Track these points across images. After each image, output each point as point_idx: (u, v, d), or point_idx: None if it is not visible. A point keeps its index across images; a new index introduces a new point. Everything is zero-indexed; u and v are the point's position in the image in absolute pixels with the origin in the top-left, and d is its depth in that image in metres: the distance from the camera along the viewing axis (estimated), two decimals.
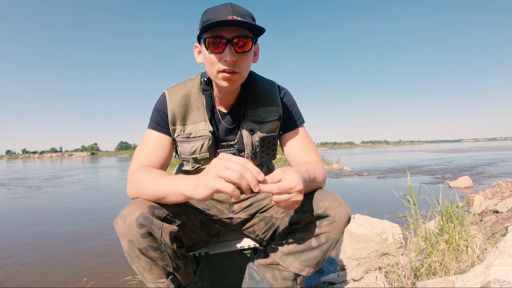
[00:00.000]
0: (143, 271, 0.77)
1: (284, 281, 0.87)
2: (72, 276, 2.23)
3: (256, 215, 1.06)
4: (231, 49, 0.80)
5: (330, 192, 0.84)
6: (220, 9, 0.80)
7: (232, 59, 0.80)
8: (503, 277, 0.79)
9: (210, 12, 0.81)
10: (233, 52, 0.81)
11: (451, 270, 1.34)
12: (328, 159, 13.21)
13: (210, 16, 0.80)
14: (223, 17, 0.78)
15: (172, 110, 0.94)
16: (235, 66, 0.83)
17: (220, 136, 1.00)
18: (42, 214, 4.60)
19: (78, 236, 3.33)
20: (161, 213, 0.78)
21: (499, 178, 6.57)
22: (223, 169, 0.63)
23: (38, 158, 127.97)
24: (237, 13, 0.79)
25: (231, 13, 0.79)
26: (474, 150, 28.74)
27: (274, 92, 1.02)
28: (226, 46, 0.80)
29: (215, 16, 0.79)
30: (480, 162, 12.11)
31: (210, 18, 0.80)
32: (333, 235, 0.80)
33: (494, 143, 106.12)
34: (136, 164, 0.89)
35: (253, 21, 0.83)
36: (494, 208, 3.17)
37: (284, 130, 1.03)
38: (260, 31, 0.82)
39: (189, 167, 1.02)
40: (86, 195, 6.67)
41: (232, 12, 0.79)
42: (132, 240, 0.73)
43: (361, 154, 31.08)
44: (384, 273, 1.59)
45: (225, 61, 0.81)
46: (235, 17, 0.78)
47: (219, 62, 0.82)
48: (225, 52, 0.80)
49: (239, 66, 0.84)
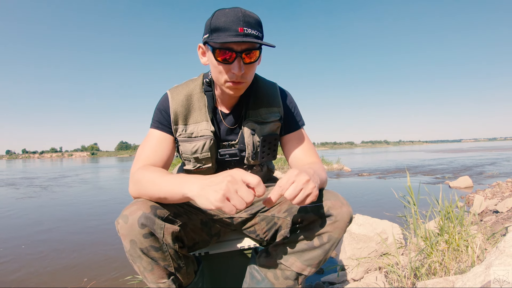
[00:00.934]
0: (145, 271, 0.78)
1: (286, 281, 0.88)
2: (72, 276, 2.23)
3: (257, 215, 1.07)
4: (240, 63, 0.81)
5: (332, 192, 0.85)
6: (230, 17, 0.78)
7: (241, 72, 0.81)
8: (503, 277, 0.79)
9: (220, 18, 0.79)
10: (242, 65, 0.81)
11: (451, 270, 1.34)
12: (328, 159, 13.21)
13: (220, 23, 0.78)
14: (234, 27, 0.77)
15: (174, 110, 0.95)
16: (242, 77, 0.84)
17: (221, 136, 1.01)
18: (44, 214, 4.61)
19: (78, 236, 3.33)
20: (163, 213, 0.78)
21: (499, 178, 6.57)
22: (233, 194, 0.63)
23: (38, 158, 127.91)
24: (247, 24, 0.78)
25: (242, 23, 0.77)
26: (474, 150, 28.74)
27: (275, 93, 1.03)
28: (235, 59, 0.80)
29: (225, 25, 0.77)
30: (480, 162, 12.11)
31: (220, 26, 0.78)
32: (335, 234, 0.81)
33: (494, 143, 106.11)
34: (139, 163, 0.89)
35: (261, 28, 0.83)
36: (494, 208, 3.17)
37: (285, 131, 1.04)
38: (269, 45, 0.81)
39: (190, 166, 1.02)
40: (91, 195, 6.67)
41: (243, 23, 0.77)
42: (134, 240, 0.73)
43: (361, 154, 31.08)
44: (384, 273, 1.59)
45: (233, 73, 0.82)
46: (245, 28, 0.77)
47: (227, 73, 0.83)
48: (234, 65, 0.81)
49: (246, 76, 0.85)
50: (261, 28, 0.83)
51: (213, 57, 0.82)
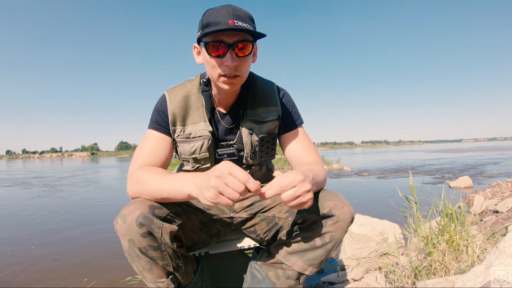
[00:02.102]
0: (143, 271, 0.78)
1: (287, 280, 0.88)
2: (72, 276, 2.23)
3: (258, 215, 1.06)
4: (232, 54, 0.81)
5: (334, 193, 0.85)
6: (220, 12, 0.79)
7: (234, 64, 0.81)
8: (503, 277, 0.79)
9: (211, 15, 0.80)
10: (234, 57, 0.81)
11: (451, 270, 1.34)
12: (328, 159, 13.21)
13: (210, 19, 0.80)
14: (224, 21, 0.78)
15: (172, 111, 0.95)
16: (236, 70, 0.84)
17: (219, 136, 1.01)
18: (47, 214, 4.61)
19: (79, 236, 3.33)
20: (161, 212, 0.78)
21: (499, 178, 6.58)
22: (224, 188, 0.64)
23: (38, 158, 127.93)
24: (237, 17, 0.79)
25: (231, 17, 0.78)
26: (474, 150, 28.74)
27: (273, 93, 1.02)
28: (227, 51, 0.80)
29: (215, 19, 0.79)
30: (480, 162, 12.11)
31: (211, 21, 0.79)
32: (337, 234, 0.81)
33: (494, 143, 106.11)
34: (137, 164, 0.89)
35: (253, 22, 0.83)
36: (494, 208, 3.17)
37: (284, 130, 1.04)
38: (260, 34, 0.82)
39: (189, 167, 1.02)
40: (94, 195, 6.67)
41: (233, 16, 0.78)
42: (132, 239, 0.73)
43: (361, 154, 31.08)
44: (384, 273, 1.59)
45: (226, 66, 0.82)
46: (236, 21, 0.78)
47: (220, 67, 0.83)
48: (226, 57, 0.81)
49: (240, 69, 0.85)
50: (253, 23, 0.83)
51: (206, 53, 0.83)
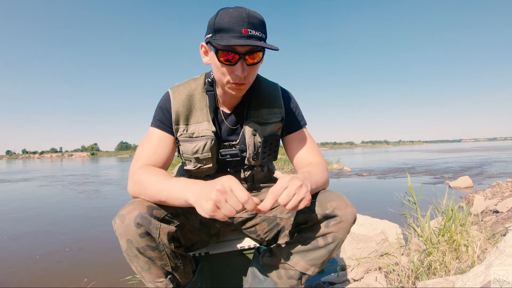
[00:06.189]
0: (142, 271, 0.77)
1: (289, 280, 0.87)
2: (72, 276, 2.23)
3: (258, 215, 1.06)
4: (243, 65, 0.80)
5: (336, 193, 0.85)
6: (234, 17, 0.76)
7: (244, 74, 0.81)
8: (503, 277, 0.79)
9: (223, 18, 0.77)
10: (245, 67, 0.81)
11: (451, 270, 1.34)
12: (328, 159, 13.21)
13: (223, 24, 0.77)
14: (238, 29, 0.76)
15: (176, 109, 0.94)
16: (245, 78, 0.84)
17: (222, 136, 1.01)
18: (49, 214, 4.60)
19: (79, 236, 3.33)
20: (160, 213, 0.78)
21: (499, 178, 6.57)
22: (223, 203, 0.64)
23: (38, 158, 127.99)
24: (251, 25, 0.77)
25: (246, 25, 0.76)
26: (474, 150, 28.73)
27: (277, 94, 1.02)
28: (239, 61, 0.80)
29: (228, 26, 0.76)
30: (480, 162, 12.10)
31: (224, 27, 0.77)
32: (339, 235, 0.81)
33: (494, 143, 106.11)
34: (139, 162, 0.89)
35: (264, 28, 0.82)
36: (494, 208, 3.17)
37: (287, 131, 1.03)
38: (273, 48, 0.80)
39: (191, 166, 1.02)
40: (95, 195, 6.67)
41: (247, 24, 0.76)
42: (130, 239, 0.73)
43: (361, 154, 31.08)
44: (384, 273, 1.58)
45: (236, 75, 0.82)
46: (250, 30, 0.76)
47: (230, 75, 0.83)
48: (237, 67, 0.81)
49: (248, 77, 0.85)
50: (265, 29, 0.82)
51: (216, 58, 0.81)
